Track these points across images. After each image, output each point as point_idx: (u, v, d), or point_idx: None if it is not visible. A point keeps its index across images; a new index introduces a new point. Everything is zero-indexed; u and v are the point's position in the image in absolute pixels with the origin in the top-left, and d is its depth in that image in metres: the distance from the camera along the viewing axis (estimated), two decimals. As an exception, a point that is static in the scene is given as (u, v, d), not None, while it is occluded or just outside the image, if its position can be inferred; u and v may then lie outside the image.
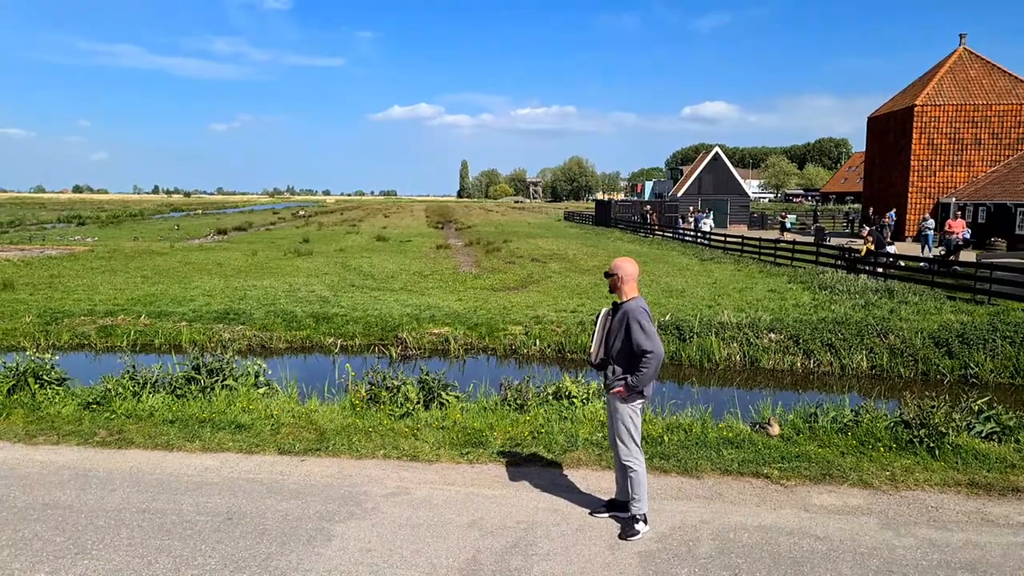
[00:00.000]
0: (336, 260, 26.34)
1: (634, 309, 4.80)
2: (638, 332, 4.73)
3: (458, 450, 6.57)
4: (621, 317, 4.83)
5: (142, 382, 8.12)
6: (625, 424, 4.94)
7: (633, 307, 4.81)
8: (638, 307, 4.83)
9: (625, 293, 4.90)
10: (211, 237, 40.53)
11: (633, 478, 4.94)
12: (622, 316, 4.82)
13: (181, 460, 6.36)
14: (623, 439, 4.96)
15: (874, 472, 6.07)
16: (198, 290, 18.15)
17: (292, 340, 13.73)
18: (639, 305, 4.85)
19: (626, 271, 4.91)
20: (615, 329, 4.88)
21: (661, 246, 34.86)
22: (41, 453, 6.50)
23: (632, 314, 4.77)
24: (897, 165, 39.51)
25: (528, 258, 27.58)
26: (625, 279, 4.89)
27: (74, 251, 29.40)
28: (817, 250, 24.52)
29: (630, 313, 4.78)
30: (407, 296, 17.62)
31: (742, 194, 57.30)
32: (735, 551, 4.73)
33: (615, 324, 4.88)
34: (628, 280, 4.90)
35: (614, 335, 4.89)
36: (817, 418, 7.22)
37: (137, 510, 5.30)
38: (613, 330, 4.90)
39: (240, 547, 4.75)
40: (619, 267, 4.93)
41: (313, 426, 7.17)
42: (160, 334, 13.76)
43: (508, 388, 8.05)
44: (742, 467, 6.16)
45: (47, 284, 19.10)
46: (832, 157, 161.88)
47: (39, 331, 13.77)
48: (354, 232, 45.18)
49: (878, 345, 12.37)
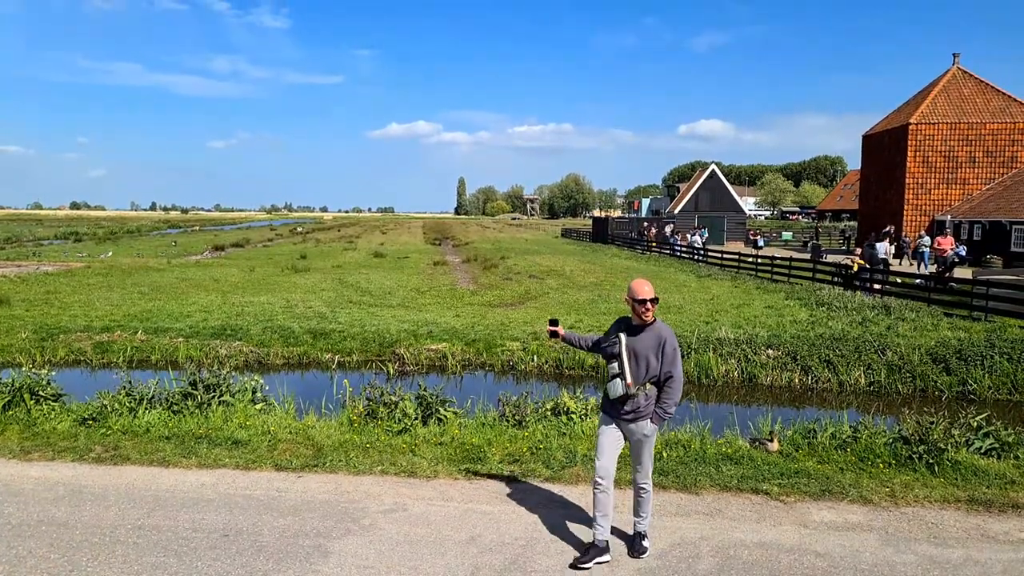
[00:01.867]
0: (333, 276, 26.34)
1: (671, 334, 4.74)
2: (678, 357, 4.70)
3: (456, 466, 6.54)
4: (657, 340, 4.67)
5: (138, 398, 8.09)
6: (651, 451, 4.87)
7: (670, 331, 4.75)
8: (671, 330, 4.78)
9: (652, 314, 4.78)
10: (208, 253, 40.51)
11: (646, 498, 4.88)
12: (657, 338, 4.68)
13: (177, 476, 6.32)
14: (645, 463, 4.84)
15: (874, 488, 6.05)
16: (195, 306, 18.12)
17: (289, 356, 13.69)
18: (670, 328, 4.81)
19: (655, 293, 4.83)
20: (648, 352, 4.67)
21: (658, 263, 34.94)
22: (36, 469, 6.45)
23: (672, 338, 4.71)
24: (892, 183, 39.77)
25: (525, 274, 27.61)
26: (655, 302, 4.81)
27: (70, 267, 29.36)
28: (814, 267, 24.59)
29: (669, 336, 4.70)
30: (404, 312, 17.60)
31: (738, 211, 57.60)
32: (735, 568, 4.70)
33: (647, 346, 4.67)
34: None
35: (646, 359, 4.68)
36: (816, 434, 7.21)
37: (132, 527, 5.26)
38: (644, 354, 4.68)
39: (237, 564, 4.71)
40: (653, 290, 4.80)
41: (310, 442, 7.13)
42: (157, 350, 13.72)
43: (506, 404, 8.03)
44: (741, 483, 6.13)
45: (43, 300, 19.05)
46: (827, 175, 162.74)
47: (35, 347, 13.72)
48: (351, 248, 45.21)
49: (876, 361, 12.37)
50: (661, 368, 4.66)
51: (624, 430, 4.77)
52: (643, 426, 4.71)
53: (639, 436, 4.74)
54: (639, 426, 4.71)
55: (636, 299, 4.71)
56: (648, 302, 4.69)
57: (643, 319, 4.71)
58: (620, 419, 4.75)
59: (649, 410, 4.70)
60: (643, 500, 4.87)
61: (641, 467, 4.83)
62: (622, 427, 4.77)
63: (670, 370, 4.65)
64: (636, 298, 4.71)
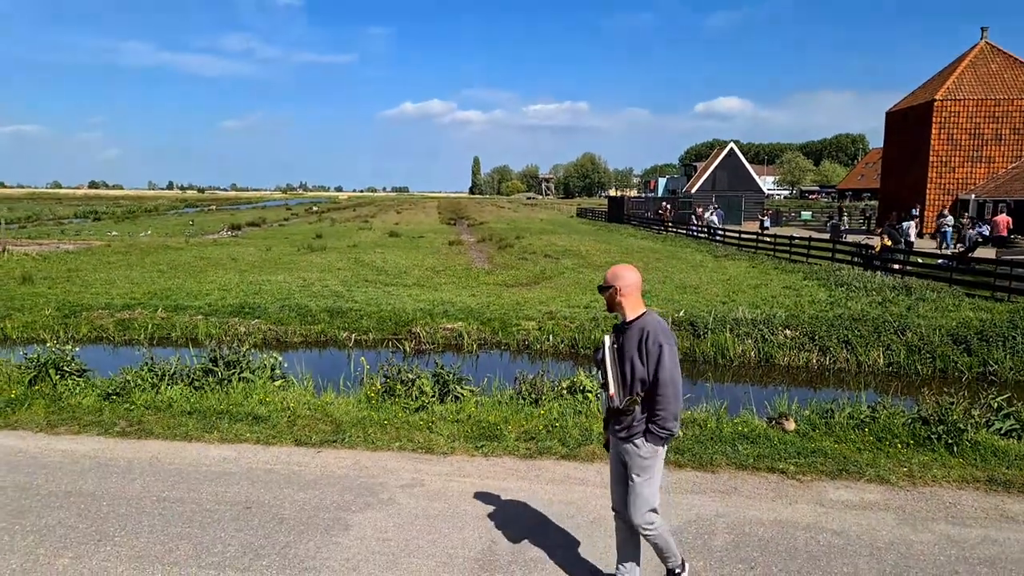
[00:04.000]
0: (349, 256, 26.46)
1: (656, 326, 3.74)
2: (666, 354, 3.67)
3: (473, 443, 6.60)
4: (638, 337, 3.73)
5: (160, 374, 8.22)
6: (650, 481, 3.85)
7: (655, 324, 3.75)
8: (659, 323, 3.78)
9: (629, 308, 3.82)
10: (225, 232, 40.81)
11: (658, 543, 3.97)
12: (639, 336, 3.72)
13: (200, 450, 6.43)
14: (643, 501, 3.84)
15: (891, 468, 6.03)
16: (213, 285, 18.30)
17: (307, 334, 13.82)
18: (659, 320, 3.80)
19: (627, 281, 3.81)
20: (632, 354, 3.75)
21: (675, 243, 34.73)
22: (63, 443, 6.59)
23: (656, 330, 3.71)
24: (916, 161, 39.12)
25: (541, 254, 27.57)
26: (626, 290, 3.80)
27: (91, 245, 29.71)
28: (833, 247, 24.36)
29: (652, 328, 3.72)
30: (420, 291, 17.67)
31: (757, 190, 57.01)
32: (751, 544, 4.72)
33: (631, 347, 3.75)
34: (631, 292, 3.82)
35: (631, 363, 3.76)
36: (833, 414, 7.19)
37: (157, 499, 5.37)
38: (629, 357, 3.76)
39: (259, 535, 4.81)
40: (618, 276, 3.82)
41: (329, 418, 7.22)
42: (177, 327, 13.89)
43: (523, 382, 8.07)
44: (757, 462, 6.14)
45: (65, 278, 19.32)
46: (849, 153, 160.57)
47: (58, 324, 13.94)
48: (367, 228, 45.33)
49: (895, 342, 12.27)
50: (647, 371, 3.71)
51: (622, 452, 3.91)
52: (639, 446, 3.80)
53: (633, 459, 3.83)
54: (634, 446, 3.82)
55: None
56: (600, 289, 3.91)
57: (618, 312, 3.89)
58: (616, 437, 3.92)
59: (644, 426, 3.79)
60: (656, 544, 3.97)
61: (635, 504, 3.85)
62: (620, 449, 3.92)
63: (655, 373, 3.67)
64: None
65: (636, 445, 3.81)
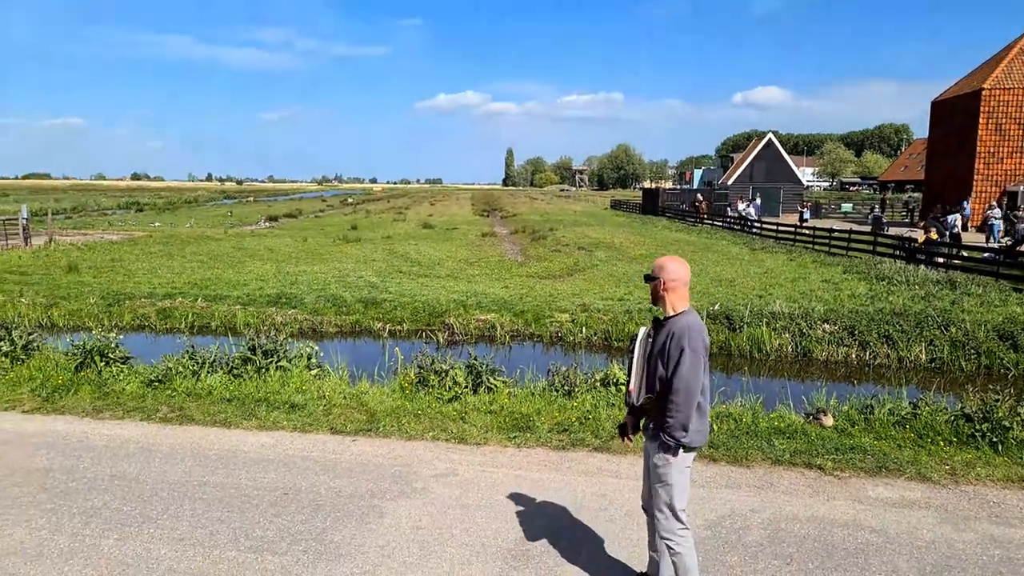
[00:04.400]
0: (383, 247, 26.68)
1: (684, 328, 3.52)
2: (687, 358, 3.47)
3: (506, 434, 6.62)
4: (666, 334, 3.57)
5: (201, 362, 8.39)
6: (666, 488, 3.68)
7: (684, 325, 3.53)
8: (690, 325, 3.54)
9: (672, 304, 3.63)
10: (263, 224, 41.47)
11: (677, 562, 3.71)
12: (666, 333, 3.57)
13: (239, 437, 6.57)
14: (661, 507, 3.71)
15: (933, 466, 5.90)
16: (251, 275, 18.62)
17: (342, 324, 13.98)
18: (692, 323, 3.56)
19: (674, 274, 3.63)
20: (660, 353, 3.59)
21: (711, 235, 34.30)
22: (107, 427, 6.79)
23: (683, 332, 3.51)
24: (962, 152, 37.98)
25: (574, 246, 27.47)
26: (672, 285, 3.61)
27: (133, 236, 30.44)
28: (874, 240, 23.81)
29: (678, 329, 3.52)
30: (453, 283, 17.76)
31: (796, 182, 55.93)
32: (786, 540, 4.66)
33: (659, 346, 3.59)
34: (675, 286, 3.62)
35: (657, 362, 3.61)
36: (873, 410, 7.05)
37: (198, 483, 5.50)
38: (657, 356, 3.61)
39: (296, 521, 4.90)
40: (665, 268, 3.64)
41: (364, 407, 7.31)
42: (216, 317, 14.17)
43: (556, 374, 8.06)
44: (794, 457, 6.05)
45: (109, 267, 19.84)
46: (892, 144, 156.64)
47: (103, 312, 14.33)
48: (401, 220, 45.65)
49: (938, 337, 11.97)
50: (665, 372, 3.55)
51: (648, 447, 3.84)
52: (655, 449, 3.67)
53: (651, 462, 3.73)
54: (652, 448, 3.71)
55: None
56: (647, 278, 3.73)
57: (660, 306, 3.72)
58: (644, 433, 3.87)
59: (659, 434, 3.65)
60: (675, 564, 3.72)
61: (656, 509, 3.72)
62: (646, 443, 3.86)
63: (671, 376, 3.49)
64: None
65: (654, 447, 3.69)
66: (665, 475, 3.65)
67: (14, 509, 5.03)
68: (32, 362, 8.68)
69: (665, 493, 3.67)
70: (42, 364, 8.58)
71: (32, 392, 7.72)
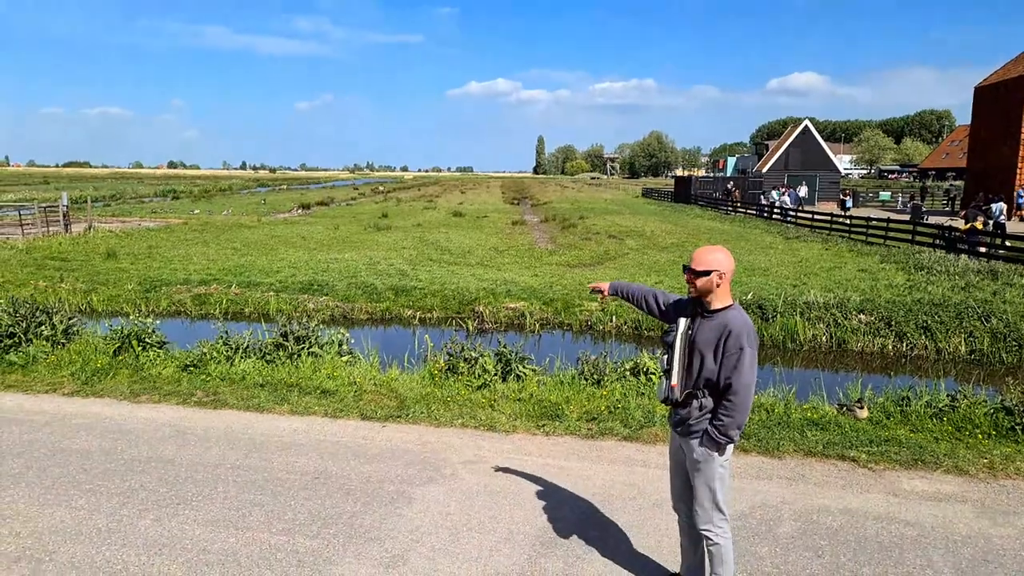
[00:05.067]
0: (414, 235, 26.81)
1: (742, 326, 3.42)
2: (746, 360, 3.38)
3: (534, 422, 6.62)
4: (718, 333, 3.44)
5: (234, 347, 8.54)
6: (710, 483, 3.58)
7: (741, 323, 3.43)
8: (747, 323, 3.46)
9: (721, 297, 3.50)
10: (295, 211, 41.94)
11: (715, 552, 3.64)
12: (720, 331, 3.44)
13: (271, 422, 6.67)
14: (700, 498, 3.62)
15: (970, 459, 5.76)
16: (284, 262, 18.86)
17: (372, 312, 14.10)
18: (747, 320, 3.48)
19: (728, 265, 3.48)
20: (706, 347, 3.47)
21: (744, 224, 33.83)
22: (144, 411, 6.94)
23: (741, 331, 3.40)
24: (1007, 138, 36.84)
25: (605, 235, 27.31)
26: (727, 277, 3.50)
27: (169, 223, 31.02)
28: (913, 229, 23.26)
29: (737, 328, 3.41)
30: (483, 271, 17.78)
31: (832, 170, 54.82)
32: (818, 532, 4.60)
33: (707, 340, 3.47)
34: (729, 278, 3.51)
35: (701, 356, 3.49)
36: (909, 402, 6.90)
37: (232, 466, 5.60)
38: (700, 349, 3.49)
39: (327, 505, 4.96)
40: (718, 261, 3.46)
41: (394, 394, 7.37)
42: (249, 303, 14.40)
43: (585, 363, 8.03)
44: (827, 449, 5.96)
45: (146, 254, 20.25)
46: (933, 131, 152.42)
47: (140, 298, 14.65)
48: (431, 208, 45.81)
49: (978, 329, 11.67)
50: (720, 371, 3.44)
51: (683, 447, 3.70)
52: (693, 447, 3.57)
53: (690, 459, 3.62)
54: (690, 446, 3.59)
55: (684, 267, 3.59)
56: (687, 271, 3.53)
57: (702, 300, 3.54)
58: (674, 428, 3.73)
59: (701, 427, 3.54)
60: (712, 555, 3.65)
61: (697, 503, 3.63)
62: (681, 443, 3.71)
63: (730, 377, 3.40)
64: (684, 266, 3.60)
65: (692, 445, 3.57)
66: (709, 469, 3.56)
67: (55, 489, 5.18)
68: (72, 346, 8.91)
69: (708, 487, 3.57)
70: (82, 348, 8.80)
71: (72, 375, 7.92)
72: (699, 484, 3.59)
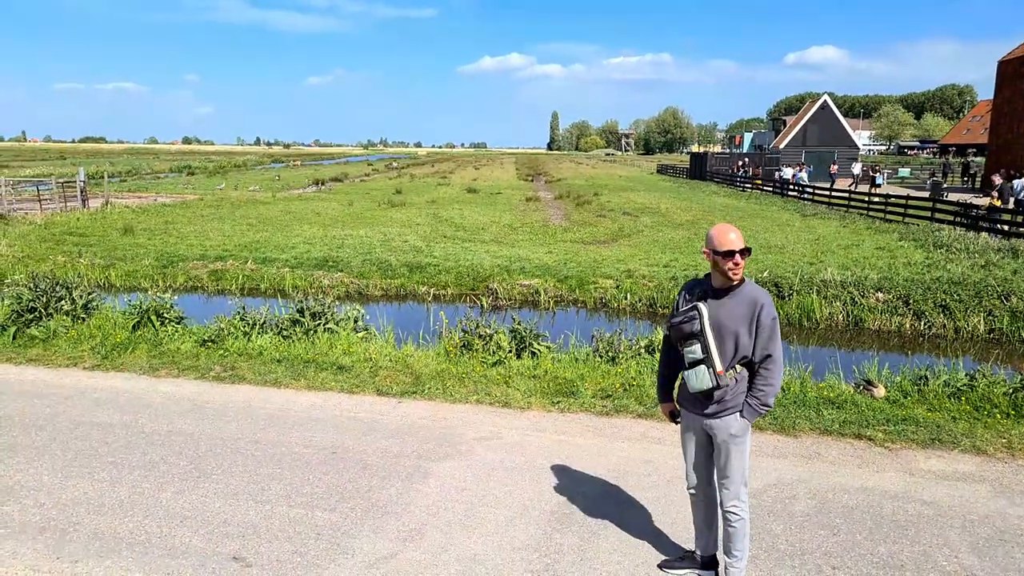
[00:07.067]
0: (428, 211, 26.78)
1: (768, 296, 3.51)
2: (777, 330, 3.48)
3: (549, 398, 6.64)
4: (750, 308, 3.45)
5: (251, 323, 8.60)
6: (744, 458, 3.63)
7: (765, 293, 3.51)
8: (765, 292, 3.54)
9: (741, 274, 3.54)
10: (309, 187, 41.97)
11: (738, 528, 3.69)
12: (751, 306, 3.45)
13: (289, 397, 6.74)
14: (733, 474, 3.63)
15: (989, 439, 5.73)
16: (299, 238, 18.92)
17: (387, 288, 14.15)
18: (763, 289, 3.58)
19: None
20: (739, 324, 3.46)
21: (760, 201, 33.50)
22: (164, 385, 7.03)
23: (770, 304, 3.47)
24: (1029, 114, 36.08)
25: (619, 212, 27.15)
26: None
27: (185, 199, 31.16)
28: (933, 206, 22.94)
29: (767, 302, 3.46)
30: (497, 248, 17.76)
31: (851, 146, 54.05)
32: (833, 511, 4.60)
33: (737, 316, 3.46)
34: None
35: (735, 334, 3.48)
36: (927, 381, 6.86)
37: (250, 440, 5.67)
38: (732, 327, 3.47)
39: (344, 479, 5.02)
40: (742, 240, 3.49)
41: (409, 370, 7.41)
42: (265, 279, 14.48)
43: (600, 340, 8.03)
44: (843, 428, 5.94)
45: (162, 230, 20.38)
46: (954, 106, 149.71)
47: (157, 273, 14.77)
48: (445, 184, 45.69)
49: (998, 307, 11.54)
50: (755, 346, 3.47)
51: (707, 428, 3.65)
52: (730, 423, 3.56)
53: (725, 436, 3.59)
54: (726, 423, 3.56)
55: (720, 251, 3.41)
56: (737, 254, 3.40)
57: (729, 279, 3.46)
58: (703, 416, 3.64)
59: (738, 401, 3.54)
60: (733, 532, 3.69)
61: (728, 480, 3.64)
62: (705, 425, 3.65)
63: (767, 348, 3.45)
64: (720, 249, 3.41)
65: (728, 422, 3.56)
66: (744, 443, 3.61)
67: (78, 461, 5.27)
68: (92, 321, 9.01)
69: (740, 462, 3.61)
70: (101, 323, 8.90)
71: (92, 350, 8.02)
72: (735, 458, 3.61)
